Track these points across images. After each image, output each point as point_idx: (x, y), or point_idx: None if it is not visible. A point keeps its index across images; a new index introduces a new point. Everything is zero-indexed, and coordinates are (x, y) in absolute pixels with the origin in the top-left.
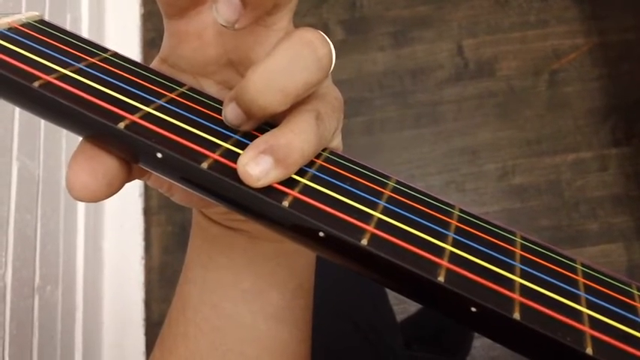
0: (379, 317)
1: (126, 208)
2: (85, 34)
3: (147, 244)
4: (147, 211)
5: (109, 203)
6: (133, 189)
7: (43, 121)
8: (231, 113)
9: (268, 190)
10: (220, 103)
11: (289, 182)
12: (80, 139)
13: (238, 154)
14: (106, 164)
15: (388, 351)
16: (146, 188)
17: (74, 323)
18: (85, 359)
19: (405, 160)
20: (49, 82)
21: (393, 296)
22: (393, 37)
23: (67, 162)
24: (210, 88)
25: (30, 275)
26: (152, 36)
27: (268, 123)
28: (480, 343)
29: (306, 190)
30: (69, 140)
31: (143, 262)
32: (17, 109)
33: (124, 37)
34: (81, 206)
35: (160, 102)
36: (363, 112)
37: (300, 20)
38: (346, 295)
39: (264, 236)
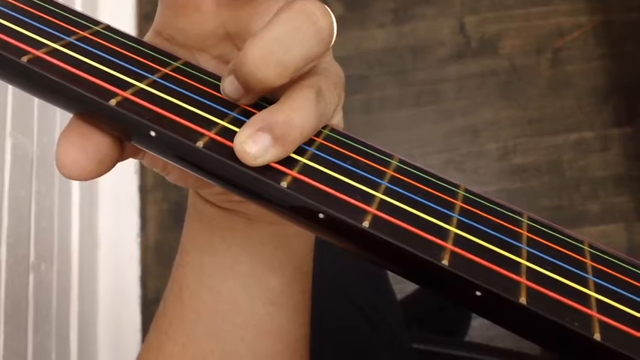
0: (380, 297)
1: (121, 186)
2: (78, 8)
3: (142, 221)
4: (142, 189)
5: (104, 180)
6: (129, 166)
7: None
8: (229, 86)
9: (266, 169)
10: (217, 78)
11: (288, 161)
12: (71, 115)
13: (235, 132)
14: (97, 142)
15: (389, 331)
16: (142, 165)
17: (69, 301)
18: (81, 337)
19: (404, 139)
20: (38, 57)
21: (391, 276)
22: (394, 13)
23: None
24: (207, 62)
25: (24, 253)
26: (148, 9)
27: (267, 99)
28: (478, 323)
29: (306, 170)
30: (63, 117)
31: (139, 239)
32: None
33: (118, 11)
34: (75, 183)
35: (154, 77)
36: (361, 90)
37: None
38: (346, 275)
39: (262, 218)
